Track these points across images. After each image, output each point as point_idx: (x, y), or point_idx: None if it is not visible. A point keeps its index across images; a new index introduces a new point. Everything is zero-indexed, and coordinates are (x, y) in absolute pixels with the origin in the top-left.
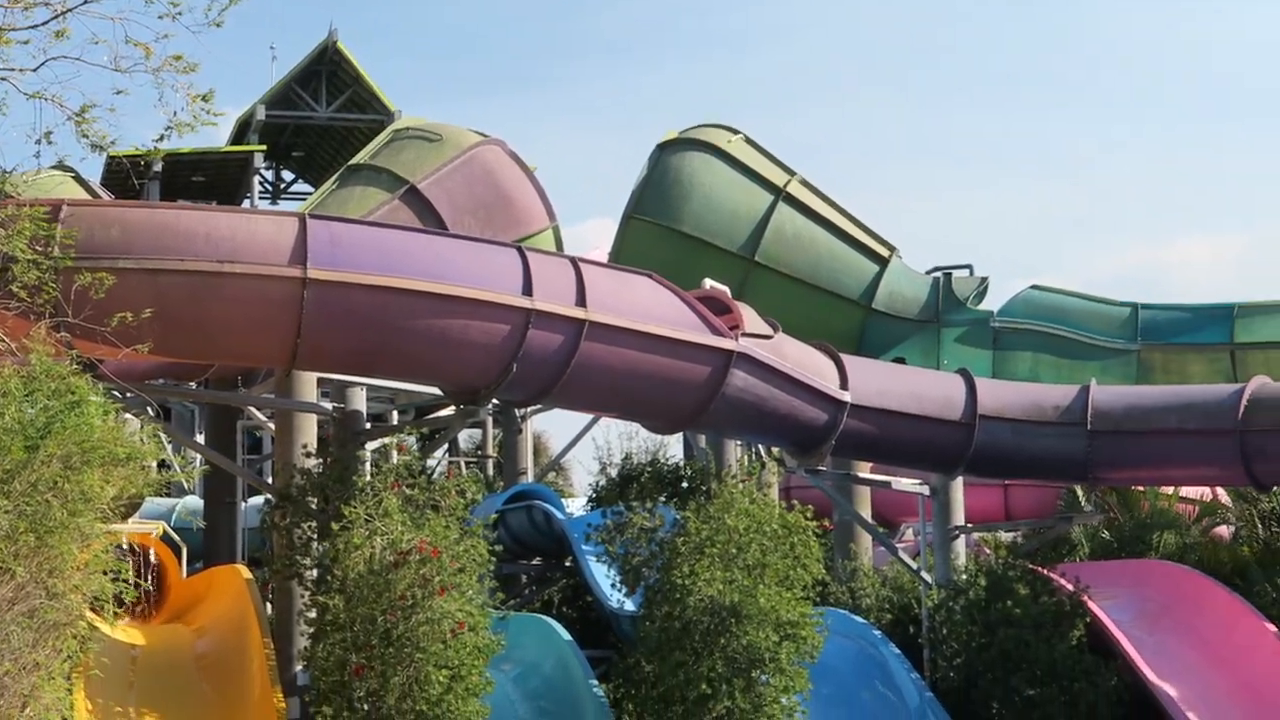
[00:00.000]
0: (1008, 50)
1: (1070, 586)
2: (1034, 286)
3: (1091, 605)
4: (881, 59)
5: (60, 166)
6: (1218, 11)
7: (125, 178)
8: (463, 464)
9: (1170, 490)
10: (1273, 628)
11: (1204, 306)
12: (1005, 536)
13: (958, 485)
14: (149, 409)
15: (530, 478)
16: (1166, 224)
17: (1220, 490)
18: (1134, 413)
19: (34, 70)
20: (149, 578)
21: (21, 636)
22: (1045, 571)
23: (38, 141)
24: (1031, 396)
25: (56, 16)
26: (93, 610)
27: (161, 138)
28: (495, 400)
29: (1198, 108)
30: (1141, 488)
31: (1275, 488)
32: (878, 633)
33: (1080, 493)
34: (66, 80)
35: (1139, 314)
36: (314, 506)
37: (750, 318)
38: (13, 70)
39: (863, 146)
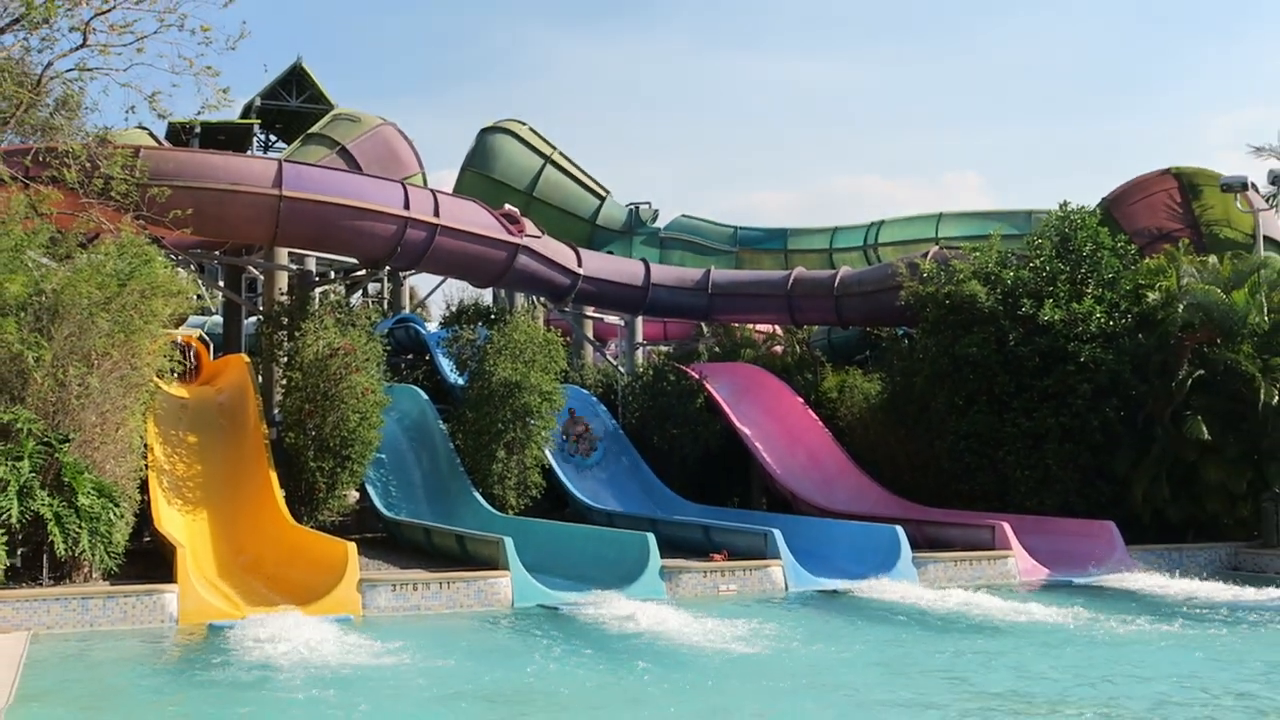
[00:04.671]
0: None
1: (697, 376)
2: (683, 215)
3: (708, 386)
4: (620, 100)
5: (140, 127)
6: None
7: (178, 135)
8: (370, 301)
9: (751, 326)
10: (800, 399)
11: (772, 229)
12: (664, 348)
13: (639, 320)
14: (191, 265)
15: (407, 309)
16: (747, 183)
17: (778, 327)
18: (733, 285)
19: (124, 70)
20: (192, 361)
21: (117, 390)
22: (684, 368)
23: (126, 113)
24: (679, 275)
25: (138, 40)
26: (158, 378)
27: (199, 113)
28: (388, 267)
29: (771, 103)
30: (736, 324)
31: (805, 325)
32: (594, 398)
33: (704, 327)
34: (143, 78)
35: (738, 232)
36: (285, 323)
37: (530, 227)
38: (113, 70)
39: (593, 137)
